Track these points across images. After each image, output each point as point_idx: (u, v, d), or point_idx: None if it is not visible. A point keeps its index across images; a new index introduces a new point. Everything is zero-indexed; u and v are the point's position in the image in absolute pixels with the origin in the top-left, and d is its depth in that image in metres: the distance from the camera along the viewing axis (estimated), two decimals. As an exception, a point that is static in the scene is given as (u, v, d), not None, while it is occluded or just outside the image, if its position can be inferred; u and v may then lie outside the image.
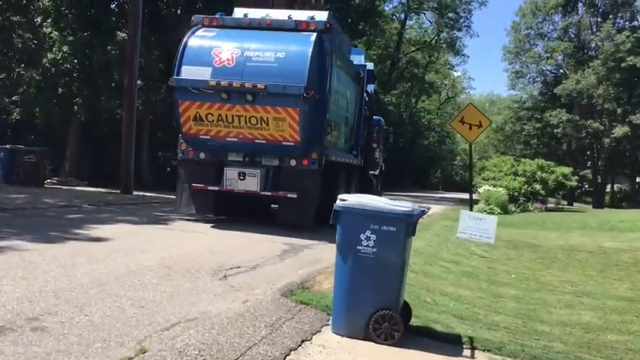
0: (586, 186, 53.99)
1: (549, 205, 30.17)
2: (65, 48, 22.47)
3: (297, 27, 12.60)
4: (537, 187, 28.35)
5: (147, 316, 4.87)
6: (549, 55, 52.41)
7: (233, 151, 12.66)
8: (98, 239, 8.70)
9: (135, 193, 19.41)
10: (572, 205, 41.69)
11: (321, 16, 12.95)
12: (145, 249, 8.24)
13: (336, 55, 12.93)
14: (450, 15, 56.59)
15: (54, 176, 23.71)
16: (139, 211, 13.76)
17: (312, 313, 5.57)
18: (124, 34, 22.17)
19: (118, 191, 19.31)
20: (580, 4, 51.07)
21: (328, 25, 12.57)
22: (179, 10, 25.00)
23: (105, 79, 22.86)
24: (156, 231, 10.57)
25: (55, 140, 25.14)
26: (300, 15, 13.28)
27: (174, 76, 12.27)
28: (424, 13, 57.86)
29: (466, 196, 57.48)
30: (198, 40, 12.66)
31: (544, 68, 54.54)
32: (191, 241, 9.54)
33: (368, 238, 5.02)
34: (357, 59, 16.13)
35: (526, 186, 28.12)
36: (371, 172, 19.04)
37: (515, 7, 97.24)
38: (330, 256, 7.29)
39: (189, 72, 12.33)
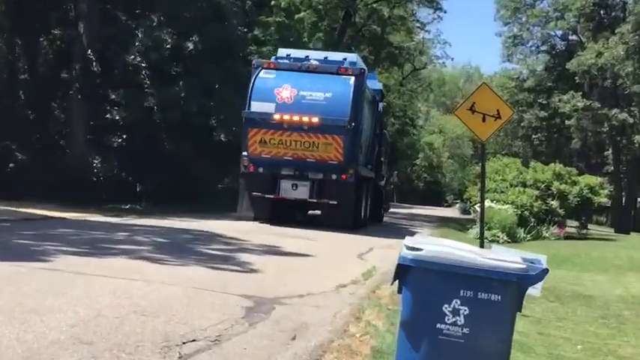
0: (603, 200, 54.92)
1: (568, 229, 30.37)
2: None
3: (337, 71, 22.65)
4: (554, 204, 28.52)
5: None
6: (560, 14, 52.28)
7: (286, 167, 22.16)
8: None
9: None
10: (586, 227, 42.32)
11: (352, 58, 24.47)
12: (36, 309, 7.49)
13: (365, 91, 23.39)
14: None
15: None
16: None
17: None
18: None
19: None
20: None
21: (362, 70, 23.11)
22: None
23: None
24: (35, 273, 9.83)
25: None
26: (334, 56, 24.96)
27: (247, 110, 22.35)
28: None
29: (445, 212, 59.77)
30: (262, 81, 22.49)
31: (552, 33, 54.55)
32: (98, 290, 8.88)
33: (456, 312, 4.78)
34: (372, 83, 26.20)
35: (539, 202, 28.21)
36: (380, 183, 30.03)
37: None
38: (321, 320, 8.16)
39: (257, 106, 22.18)
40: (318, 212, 24.37)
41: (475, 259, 4.87)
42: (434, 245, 5.02)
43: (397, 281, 4.95)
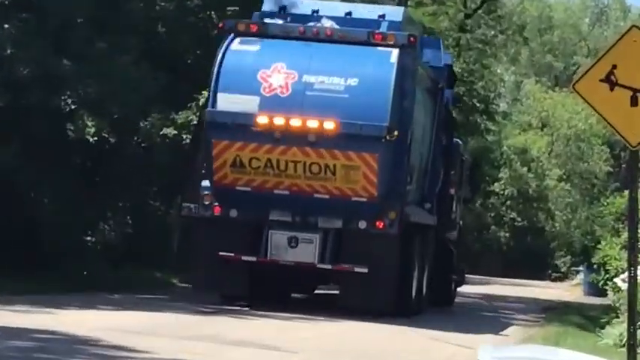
0: None
1: None
2: None
3: (369, 39, 17.28)
4: None
5: None
6: None
7: (278, 209, 16.98)
8: None
9: None
10: None
11: (394, 13, 19.05)
12: None
13: (419, 74, 18.32)
14: None
15: None
16: None
17: None
18: None
19: None
20: None
21: (412, 39, 17.35)
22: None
23: None
24: None
25: None
26: (363, 11, 19.36)
27: (209, 108, 17.35)
28: None
29: (554, 291, 48.10)
30: (236, 57, 17.24)
31: None
32: None
33: None
34: (432, 56, 20.54)
35: None
36: (448, 235, 22.95)
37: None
38: None
39: (228, 102, 16.96)
40: (336, 289, 19.19)
41: None
42: None
43: None
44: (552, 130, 67.32)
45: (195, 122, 26.90)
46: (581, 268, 49.74)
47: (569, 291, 46.59)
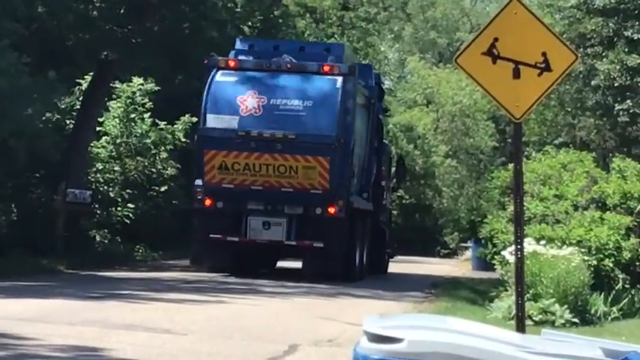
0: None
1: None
2: None
3: (319, 70, 22.43)
4: None
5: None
6: None
7: (254, 200, 22.14)
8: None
9: None
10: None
11: (337, 48, 25.27)
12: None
13: (357, 94, 23.48)
14: None
15: None
16: None
17: None
18: None
19: None
20: None
21: (353, 69, 22.83)
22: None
23: None
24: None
25: None
26: (313, 47, 27.17)
27: (201, 126, 22.60)
28: None
29: (442, 267, 47.91)
30: (220, 86, 22.36)
31: None
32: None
33: None
34: (366, 77, 25.56)
35: (634, 240, 21.60)
36: (381, 218, 28.65)
37: None
38: None
39: (215, 121, 22.15)
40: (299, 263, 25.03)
41: (511, 356, 4.25)
42: (426, 330, 4.40)
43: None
44: (437, 106, 67.38)
45: (78, 107, 28.39)
46: (469, 243, 50.10)
47: (459, 267, 46.51)
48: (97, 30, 27.20)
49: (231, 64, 22.79)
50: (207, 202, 22.28)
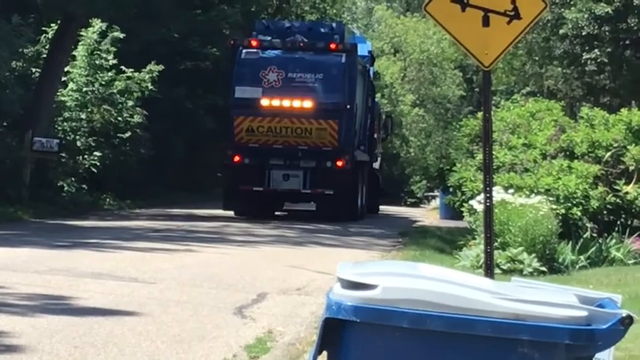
0: None
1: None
2: None
3: (327, 47, 26.88)
4: (631, 191, 21.21)
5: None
6: None
7: (276, 157, 26.16)
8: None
9: None
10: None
11: (339, 28, 30.07)
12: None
13: (357, 65, 28.12)
14: None
15: None
16: None
17: None
18: None
19: None
20: None
21: (354, 46, 27.67)
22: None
23: None
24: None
25: None
26: (320, 27, 31.56)
27: (232, 96, 26.38)
28: None
29: (409, 215, 47.28)
30: (245, 63, 26.39)
31: None
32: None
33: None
34: (361, 47, 29.43)
35: (601, 189, 21.04)
36: (375, 165, 34.43)
37: None
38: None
39: (242, 92, 26.09)
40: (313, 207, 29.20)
41: (485, 302, 4.21)
42: (399, 277, 4.33)
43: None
44: (404, 55, 66.40)
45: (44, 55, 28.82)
46: (436, 192, 48.60)
47: (426, 215, 44.97)
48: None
49: (254, 43, 26.82)
50: (237, 158, 26.20)
